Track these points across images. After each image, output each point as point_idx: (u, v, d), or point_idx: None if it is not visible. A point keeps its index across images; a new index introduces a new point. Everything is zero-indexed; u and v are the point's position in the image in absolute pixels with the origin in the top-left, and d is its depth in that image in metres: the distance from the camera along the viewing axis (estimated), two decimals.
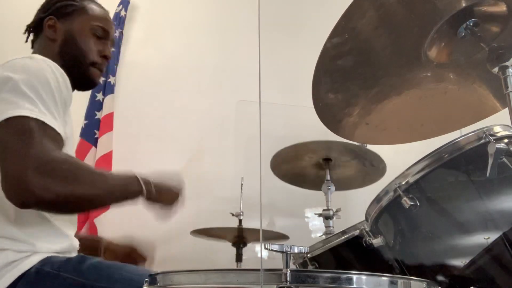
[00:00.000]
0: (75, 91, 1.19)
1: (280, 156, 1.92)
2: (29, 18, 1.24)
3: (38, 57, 1.04)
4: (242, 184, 2.00)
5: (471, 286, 0.90)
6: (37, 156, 0.87)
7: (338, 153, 1.88)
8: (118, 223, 2.17)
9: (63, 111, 1.01)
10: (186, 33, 2.68)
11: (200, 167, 2.39)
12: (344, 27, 0.96)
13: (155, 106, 2.46)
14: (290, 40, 2.70)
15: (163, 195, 1.08)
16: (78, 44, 1.17)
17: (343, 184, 2.02)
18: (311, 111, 1.12)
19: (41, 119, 0.91)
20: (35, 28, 1.21)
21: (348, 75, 1.09)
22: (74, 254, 1.10)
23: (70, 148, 1.10)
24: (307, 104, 1.12)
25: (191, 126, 2.49)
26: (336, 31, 0.96)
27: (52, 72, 1.00)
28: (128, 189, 1.01)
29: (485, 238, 0.91)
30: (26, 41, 1.24)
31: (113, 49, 1.31)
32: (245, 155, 2.35)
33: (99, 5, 1.26)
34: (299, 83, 1.84)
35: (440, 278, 0.96)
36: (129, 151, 2.34)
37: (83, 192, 0.93)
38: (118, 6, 2.55)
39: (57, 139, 0.94)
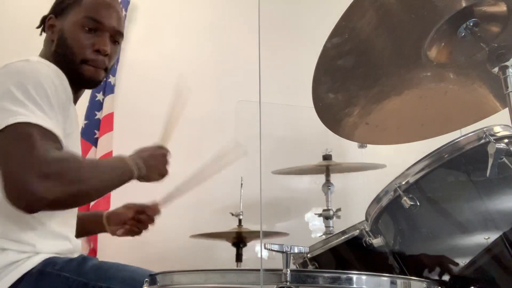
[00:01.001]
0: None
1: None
2: (28, 18, 1.24)
3: (34, 59, 1.03)
4: (242, 184, 2.00)
5: (471, 286, 0.90)
6: (37, 161, 0.88)
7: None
8: None
9: (62, 109, 1.00)
10: (186, 33, 2.68)
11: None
12: (344, 27, 0.96)
13: (155, 106, 2.46)
14: (290, 40, 2.70)
15: (152, 168, 1.12)
16: (67, 41, 1.09)
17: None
18: (311, 111, 1.12)
19: (37, 122, 0.91)
20: (42, 29, 1.18)
21: (348, 75, 1.09)
22: (76, 255, 1.10)
23: (74, 142, 1.11)
24: (307, 104, 1.12)
25: (191, 126, 2.49)
26: (336, 31, 0.96)
27: (47, 75, 0.99)
28: (123, 175, 1.04)
29: (485, 238, 0.91)
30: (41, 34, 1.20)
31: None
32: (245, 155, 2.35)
33: None
34: (299, 83, 1.83)
35: (440, 278, 0.96)
36: (129, 151, 2.33)
37: (84, 188, 0.95)
38: None
39: (54, 140, 0.94)
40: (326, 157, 1.96)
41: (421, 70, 1.10)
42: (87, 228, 1.31)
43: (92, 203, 2.14)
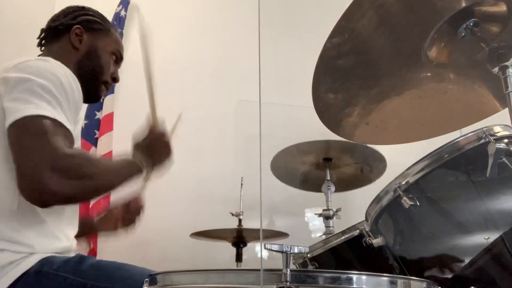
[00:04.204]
0: None
1: (280, 157, 1.92)
2: (28, 18, 1.24)
3: (53, 60, 1.07)
4: (242, 184, 2.00)
5: (471, 286, 0.90)
6: (51, 154, 0.90)
7: (338, 152, 1.88)
8: None
9: (74, 113, 1.04)
10: (186, 33, 2.68)
11: (200, 167, 2.40)
12: (344, 27, 0.96)
13: None
14: (290, 40, 2.70)
15: (157, 157, 1.17)
16: (99, 60, 1.24)
17: (343, 185, 2.02)
18: (311, 111, 1.12)
19: (56, 118, 0.94)
20: (56, 31, 1.23)
21: (348, 75, 1.09)
22: (72, 254, 1.10)
23: (77, 144, 1.12)
24: (307, 104, 1.12)
25: (191, 126, 2.49)
26: (336, 31, 0.96)
27: (65, 75, 1.03)
28: (132, 173, 1.08)
29: (485, 238, 0.91)
30: (40, 44, 1.27)
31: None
32: (245, 155, 2.35)
33: (118, 33, 1.36)
34: (299, 83, 1.83)
35: (440, 278, 0.96)
36: (129, 151, 2.34)
37: (96, 183, 0.98)
38: (118, 6, 2.55)
39: (69, 138, 0.98)
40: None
41: (421, 70, 1.10)
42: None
43: (92, 202, 2.15)
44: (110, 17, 2.06)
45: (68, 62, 1.13)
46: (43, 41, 1.26)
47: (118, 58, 1.32)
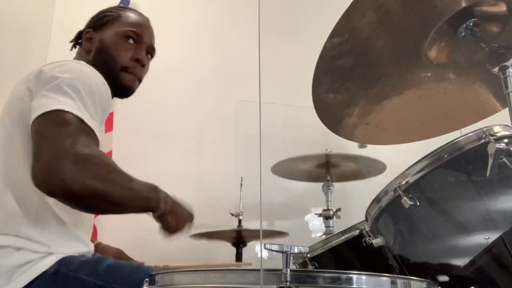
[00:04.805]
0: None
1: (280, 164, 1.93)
2: (28, 18, 1.25)
3: (84, 63, 1.09)
4: (241, 184, 2.00)
5: (471, 286, 0.90)
6: (72, 147, 0.89)
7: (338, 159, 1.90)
8: (117, 224, 2.17)
9: (101, 117, 1.03)
10: (186, 33, 2.68)
11: (200, 167, 2.40)
12: (344, 27, 0.96)
13: (155, 106, 2.46)
14: (290, 40, 2.70)
15: (175, 219, 1.06)
16: (109, 50, 1.19)
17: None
18: (311, 111, 1.12)
19: (80, 115, 0.94)
20: (77, 39, 1.27)
21: (348, 75, 1.09)
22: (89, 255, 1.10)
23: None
24: (307, 104, 1.12)
25: (191, 126, 2.50)
26: (336, 31, 0.96)
27: (95, 77, 1.04)
28: (148, 201, 1.00)
29: (485, 238, 0.91)
30: (73, 46, 1.29)
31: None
32: (245, 155, 2.36)
33: (137, 12, 1.28)
34: (299, 83, 1.83)
35: (440, 278, 0.96)
36: (129, 151, 2.34)
37: (111, 191, 0.93)
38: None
39: (93, 137, 0.96)
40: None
41: (421, 70, 1.10)
42: None
43: None
44: None
45: None
46: (76, 45, 1.29)
47: (135, 38, 1.21)
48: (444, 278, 0.96)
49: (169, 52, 2.60)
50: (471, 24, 0.98)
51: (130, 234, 2.08)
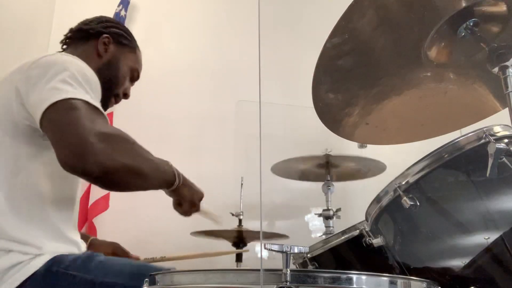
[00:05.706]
0: None
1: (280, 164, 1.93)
2: (28, 18, 1.24)
3: (74, 56, 1.08)
4: (242, 184, 2.00)
5: (471, 286, 0.90)
6: (94, 127, 0.91)
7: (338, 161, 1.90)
8: (117, 224, 2.17)
9: (99, 101, 1.04)
10: (186, 33, 2.68)
11: (200, 167, 2.40)
12: (344, 27, 0.96)
13: (155, 106, 2.46)
14: (290, 40, 2.70)
15: (188, 192, 1.16)
16: (118, 72, 1.26)
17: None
18: (311, 111, 1.12)
19: (85, 99, 0.95)
20: (85, 34, 1.26)
21: (348, 75, 1.09)
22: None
23: None
24: (307, 104, 1.12)
25: (191, 126, 2.49)
26: (336, 31, 0.96)
27: (88, 68, 1.05)
28: (166, 175, 1.07)
29: (485, 238, 0.91)
30: (64, 42, 1.29)
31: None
32: (245, 155, 2.36)
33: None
34: (299, 83, 1.83)
35: (440, 278, 0.96)
36: None
37: (138, 165, 0.97)
38: (118, 6, 2.54)
39: (105, 116, 0.99)
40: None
41: (421, 70, 1.10)
42: None
43: (91, 201, 2.14)
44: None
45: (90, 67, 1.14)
46: (67, 40, 1.28)
47: (135, 77, 1.33)
48: (444, 278, 0.96)
49: (169, 52, 2.60)
50: (471, 24, 0.98)
51: (130, 233, 2.08)
